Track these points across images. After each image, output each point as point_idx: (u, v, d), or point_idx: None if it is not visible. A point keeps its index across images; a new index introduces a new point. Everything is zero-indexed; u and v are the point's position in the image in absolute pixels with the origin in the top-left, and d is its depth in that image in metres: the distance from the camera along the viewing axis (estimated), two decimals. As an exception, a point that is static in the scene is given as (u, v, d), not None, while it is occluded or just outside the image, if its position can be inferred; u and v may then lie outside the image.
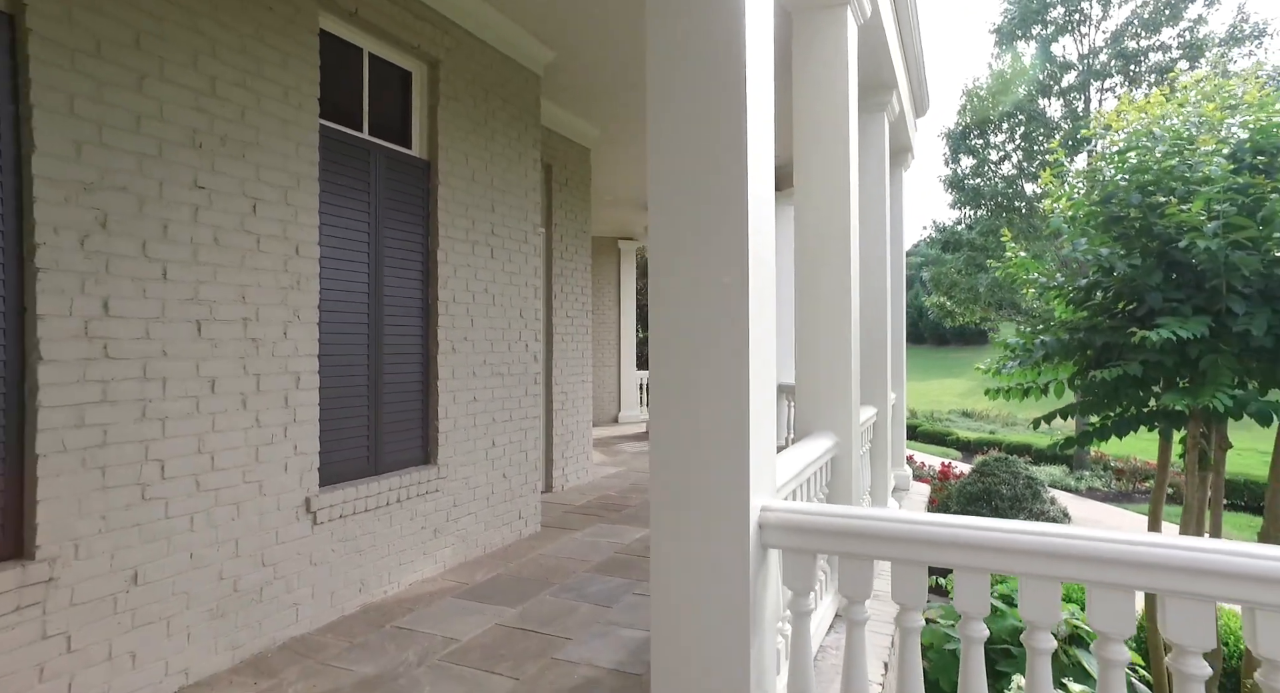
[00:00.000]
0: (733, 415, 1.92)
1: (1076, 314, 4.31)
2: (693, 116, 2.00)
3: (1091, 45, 15.98)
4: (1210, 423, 3.78)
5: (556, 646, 3.34)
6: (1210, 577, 1.58)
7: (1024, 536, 1.77)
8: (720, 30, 1.96)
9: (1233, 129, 3.65)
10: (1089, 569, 1.70)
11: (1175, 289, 3.58)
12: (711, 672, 1.95)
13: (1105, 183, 3.92)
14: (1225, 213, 3.25)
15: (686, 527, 1.98)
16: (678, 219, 2.02)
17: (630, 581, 4.26)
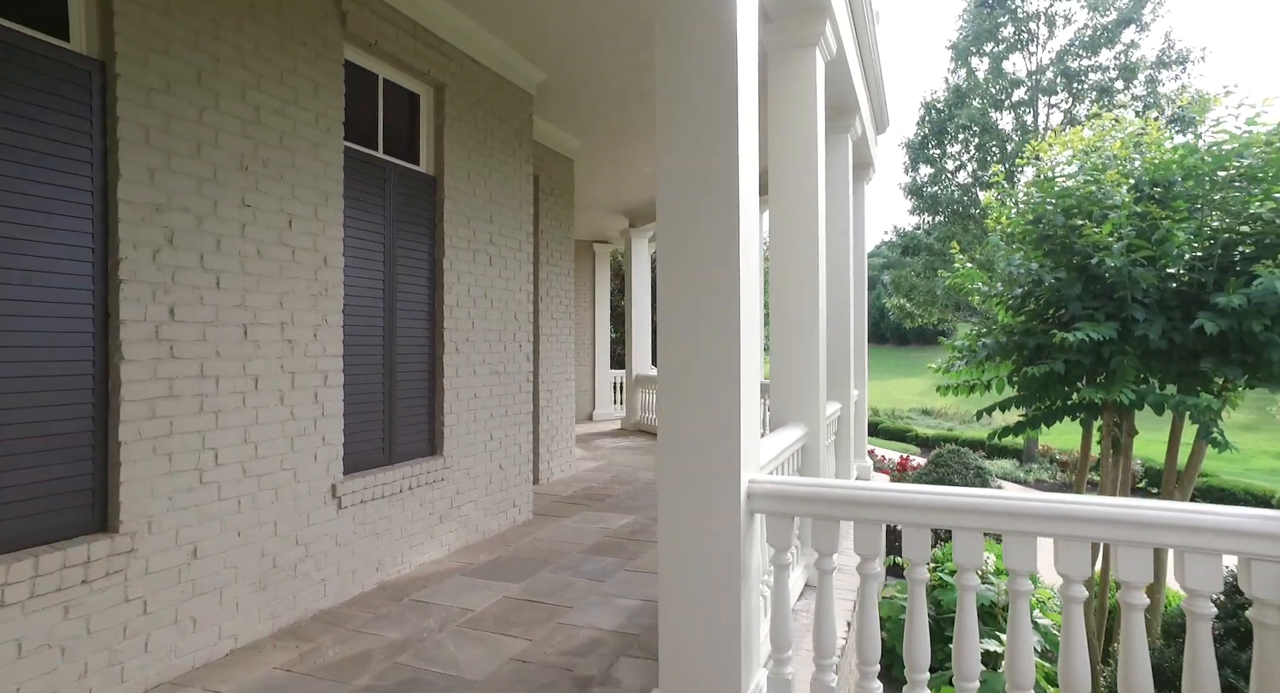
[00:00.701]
0: (727, 402, 2.38)
1: (1015, 319, 4.90)
2: (694, 142, 2.45)
3: (1039, 63, 16.94)
4: (1120, 414, 4.39)
5: (560, 613, 3.77)
6: (1077, 522, 2.09)
7: (951, 497, 2.27)
8: (718, 71, 2.42)
9: (1136, 163, 4.26)
10: (1001, 522, 2.20)
11: (1092, 298, 4.17)
12: (709, 616, 2.41)
13: (1036, 205, 4.50)
14: (1128, 235, 3.84)
15: (689, 496, 2.43)
16: (682, 228, 2.47)
17: (620, 559, 4.70)
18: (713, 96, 2.43)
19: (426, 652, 3.29)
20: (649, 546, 5.00)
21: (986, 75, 17.14)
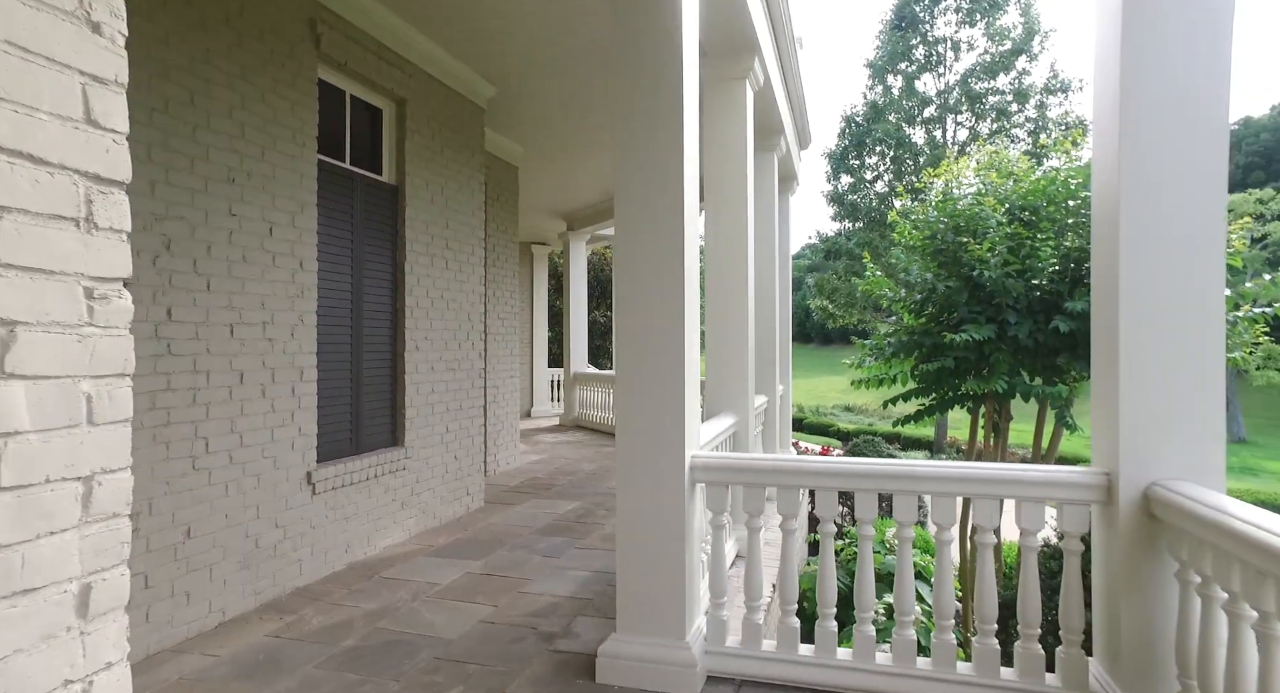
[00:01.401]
0: (674, 391, 2.89)
1: (916, 321, 5.63)
2: (647, 163, 2.95)
3: (947, 83, 18.34)
4: (998, 402, 5.17)
5: (520, 584, 4.21)
6: (931, 480, 2.71)
7: (846, 464, 2.86)
8: (668, 104, 2.93)
9: (1008, 190, 5.05)
10: (886, 482, 2.80)
11: (976, 304, 4.91)
12: (660, 569, 2.92)
13: (931, 222, 5.23)
14: (1001, 252, 4.58)
15: (643, 468, 2.93)
16: (637, 249, 2.96)
17: (570, 539, 5.16)
18: (663, 136, 2.94)
19: (403, 618, 3.67)
20: (595, 528, 5.48)
21: (900, 93, 18.41)
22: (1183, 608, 2.32)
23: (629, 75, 2.99)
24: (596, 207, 11.36)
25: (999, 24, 17.02)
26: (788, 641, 2.98)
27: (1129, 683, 2.48)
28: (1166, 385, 2.43)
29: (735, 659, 3.01)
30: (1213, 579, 2.10)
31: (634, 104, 2.98)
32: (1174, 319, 2.42)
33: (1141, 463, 2.46)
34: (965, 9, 17.26)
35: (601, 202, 11.10)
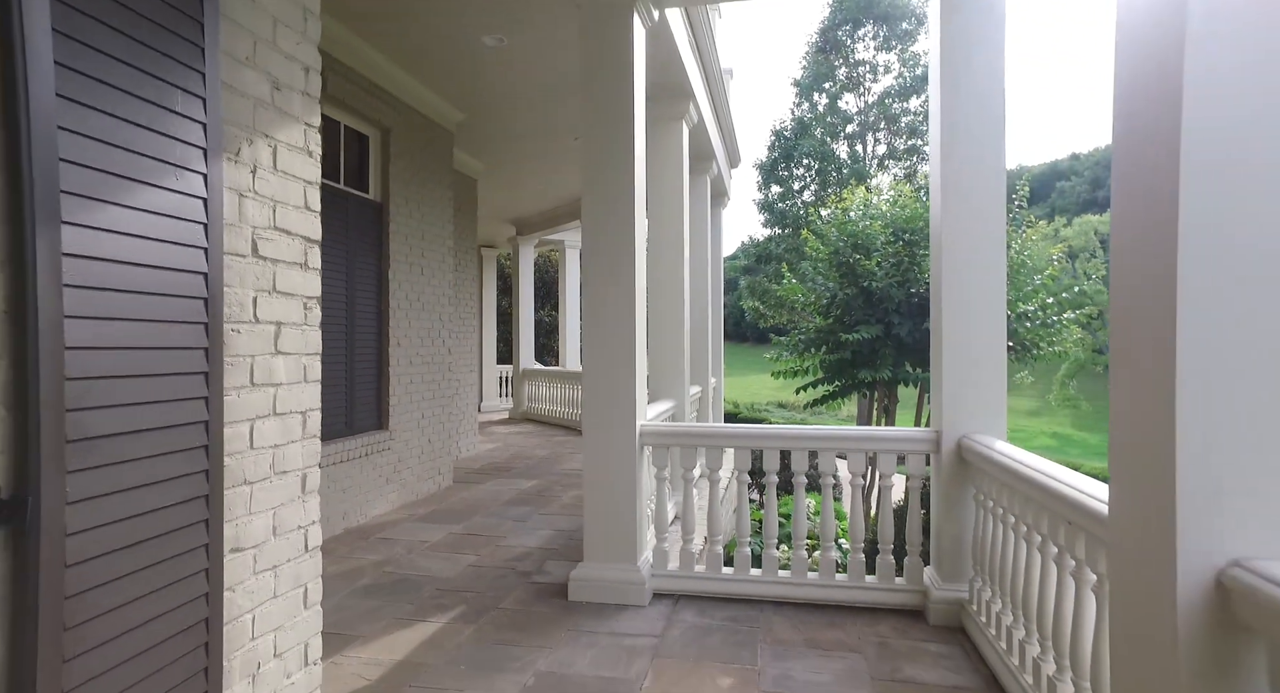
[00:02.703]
0: (627, 375, 3.81)
1: (823, 321, 6.74)
2: (606, 190, 3.86)
3: (867, 103, 19.94)
4: (887, 388, 6.32)
5: (497, 540, 5.05)
6: (803, 439, 3.73)
7: (752, 429, 3.85)
8: (623, 143, 3.84)
9: (894, 215, 6.21)
10: (785, 442, 3.80)
11: (869, 308, 6.03)
12: (617, 514, 3.83)
13: (834, 240, 6.34)
14: (887, 266, 5.71)
15: (604, 435, 3.84)
16: (598, 251, 3.87)
17: (534, 508, 6.02)
18: (619, 161, 3.86)
19: (404, 565, 4.47)
20: (554, 499, 6.35)
21: (825, 110, 19.89)
22: (977, 521, 3.39)
23: (594, 117, 3.90)
24: (545, 213, 12.16)
25: (911, 50, 18.71)
26: (714, 564, 3.95)
27: (947, 577, 3.56)
28: (969, 370, 3.52)
29: (674, 579, 3.95)
30: (990, 497, 3.17)
31: (597, 142, 3.89)
32: (972, 324, 3.51)
33: (955, 424, 3.54)
34: (883, 36, 18.89)
35: (550, 209, 11.91)
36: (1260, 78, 1.30)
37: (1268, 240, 1.33)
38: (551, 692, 2.83)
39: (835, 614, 3.64)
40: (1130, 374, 1.54)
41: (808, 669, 3.03)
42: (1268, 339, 1.34)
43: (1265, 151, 1.32)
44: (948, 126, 3.54)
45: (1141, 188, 1.50)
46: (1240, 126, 1.33)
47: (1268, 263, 1.33)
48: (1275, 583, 1.24)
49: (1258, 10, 1.31)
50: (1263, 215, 1.33)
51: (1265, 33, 1.31)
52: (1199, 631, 1.37)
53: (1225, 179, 1.34)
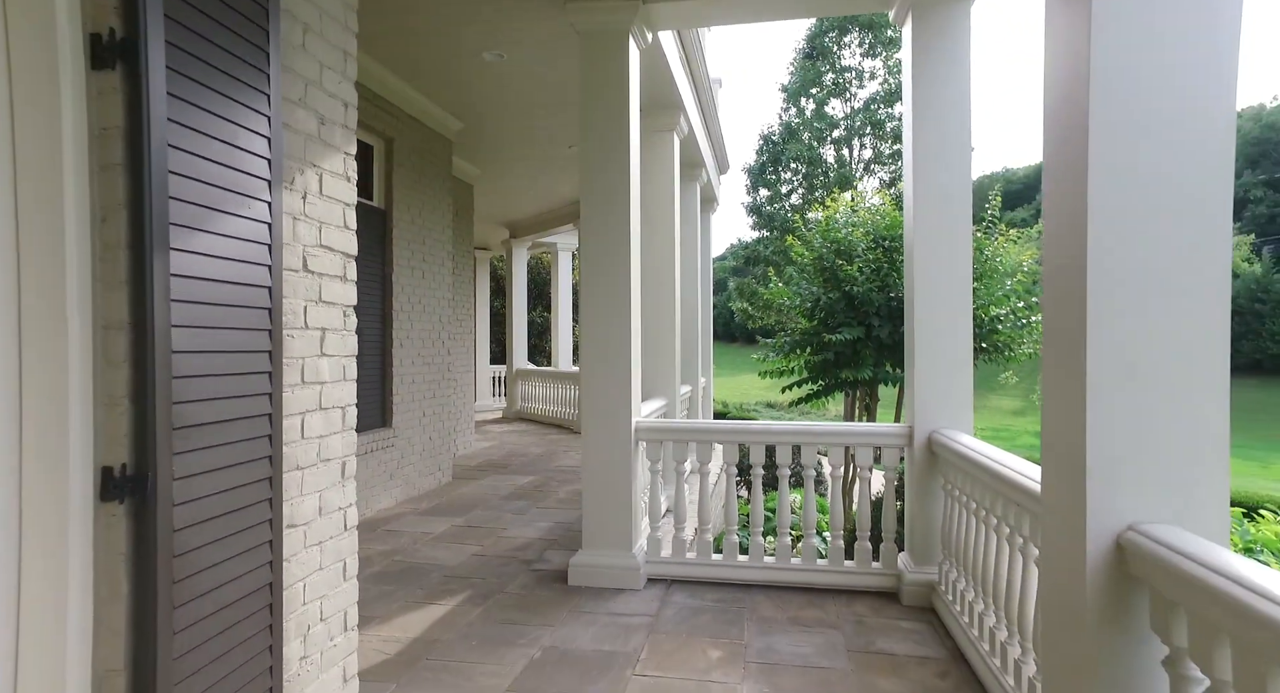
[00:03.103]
0: (623, 375, 4.10)
1: (808, 324, 7.04)
2: (603, 202, 4.14)
3: (853, 108, 20.33)
4: (868, 386, 6.64)
5: (498, 532, 5.32)
6: (787, 434, 4.04)
7: (742, 424, 4.15)
8: (620, 158, 4.12)
9: (874, 223, 6.53)
10: (770, 437, 4.10)
11: (850, 311, 6.35)
12: (614, 505, 4.11)
13: (818, 247, 6.65)
14: (867, 271, 6.03)
15: (602, 430, 4.12)
16: (597, 259, 4.15)
17: (531, 502, 6.29)
18: (616, 182, 4.14)
19: (411, 554, 4.73)
20: (550, 494, 6.62)
21: (812, 115, 20.26)
22: (946, 509, 3.69)
23: (592, 135, 4.17)
24: (539, 216, 12.41)
25: (896, 57, 19.08)
26: (704, 551, 4.24)
27: (919, 561, 3.87)
28: (939, 370, 3.83)
29: (667, 565, 4.24)
30: (957, 486, 3.47)
31: (595, 158, 4.16)
32: (942, 328, 3.82)
33: (926, 420, 3.85)
34: (869, 43, 19.30)
35: (544, 212, 12.16)
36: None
37: (1155, 259, 1.64)
38: (557, 663, 3.11)
39: (816, 596, 3.94)
40: (1054, 372, 1.85)
41: (790, 643, 3.32)
42: (1154, 342, 1.64)
43: (1146, 192, 1.63)
44: (919, 153, 3.85)
45: (1062, 225, 1.81)
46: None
47: (1156, 279, 1.64)
48: (1157, 543, 1.56)
49: (1142, 75, 1.62)
50: (1151, 238, 1.64)
51: (1148, 93, 1.62)
52: (1102, 581, 1.69)
53: (1121, 216, 1.65)
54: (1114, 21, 1.62)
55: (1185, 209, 1.63)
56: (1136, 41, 1.62)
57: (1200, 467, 1.65)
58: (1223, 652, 1.38)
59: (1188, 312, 1.63)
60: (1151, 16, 1.61)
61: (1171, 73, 1.62)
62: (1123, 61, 1.63)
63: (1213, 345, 1.64)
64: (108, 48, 1.45)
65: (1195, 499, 1.65)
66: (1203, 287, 1.63)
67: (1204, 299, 1.64)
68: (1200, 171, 1.62)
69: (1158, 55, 1.62)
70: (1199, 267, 1.63)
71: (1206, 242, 1.63)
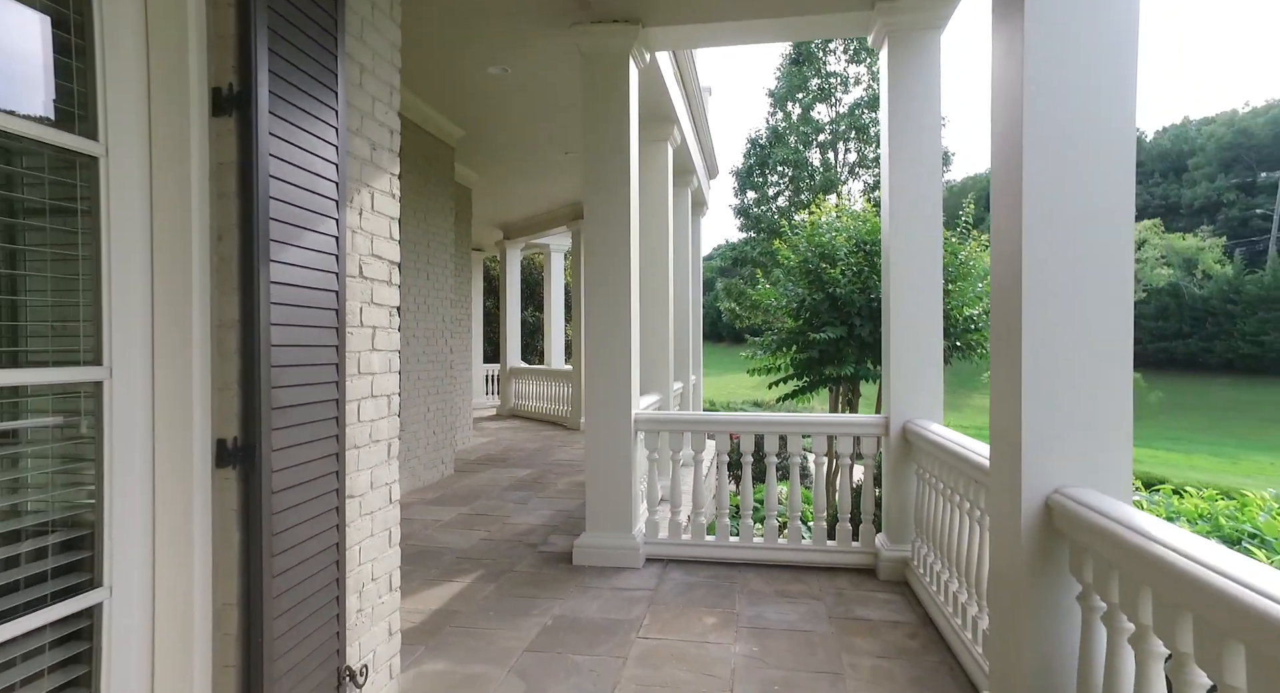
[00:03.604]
0: (624, 371, 4.44)
1: (793, 323, 7.42)
2: (605, 212, 4.48)
3: (838, 113, 20.79)
4: (851, 382, 7.03)
5: (503, 519, 5.64)
6: (787, 426, 4.40)
7: (732, 416, 4.51)
8: (620, 170, 4.46)
9: (856, 228, 6.92)
10: (758, 428, 4.46)
11: (834, 311, 6.73)
12: (615, 490, 4.45)
13: (803, 251, 7.04)
14: (849, 274, 6.42)
15: (604, 422, 4.46)
16: (599, 263, 4.49)
17: (532, 492, 6.62)
18: (617, 191, 4.48)
19: (423, 539, 5.05)
20: (550, 485, 6.95)
21: (798, 119, 20.70)
22: (918, 493, 4.07)
23: (595, 149, 4.51)
24: (532, 219, 12.72)
25: (879, 64, 19.55)
26: (698, 533, 4.59)
27: (894, 539, 4.25)
28: (911, 366, 4.21)
29: (664, 546, 4.59)
30: (927, 470, 3.85)
31: (597, 171, 4.51)
32: (915, 328, 4.20)
33: (901, 411, 4.22)
34: (854, 49, 19.77)
35: (537, 215, 12.47)
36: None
37: (1075, 266, 2.01)
38: (568, 629, 3.45)
39: (801, 573, 4.31)
40: (998, 364, 2.22)
41: (777, 612, 3.69)
42: (1074, 336, 2.02)
43: (1069, 204, 2.00)
44: (895, 165, 4.23)
45: (1004, 235, 2.18)
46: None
47: (1075, 282, 2.01)
48: (1077, 503, 1.93)
49: (1065, 101, 1.99)
50: (1072, 245, 2.01)
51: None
52: (1034, 535, 2.06)
53: (1047, 233, 2.02)
54: (1042, 47, 2.00)
55: (1098, 217, 2.01)
56: (1058, 68, 2.00)
57: (1110, 440, 2.03)
58: (1114, 584, 1.75)
59: (1100, 309, 2.01)
60: (1068, 47, 1.99)
61: (1085, 98, 2.00)
62: (1049, 86, 2.00)
63: (1121, 338, 2.03)
64: (226, 99, 1.78)
65: (1106, 467, 2.03)
66: (1112, 287, 2.02)
67: (1114, 298, 2.02)
68: (1108, 184, 2.01)
69: (1075, 80, 1.99)
70: (1109, 270, 2.01)
71: (1115, 248, 2.02)
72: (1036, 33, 2.00)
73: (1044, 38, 2.00)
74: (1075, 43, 2.00)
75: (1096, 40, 1.99)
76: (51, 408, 1.61)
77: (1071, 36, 1.99)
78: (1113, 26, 1.99)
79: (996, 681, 2.28)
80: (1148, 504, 3.13)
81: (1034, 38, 2.00)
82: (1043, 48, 2.01)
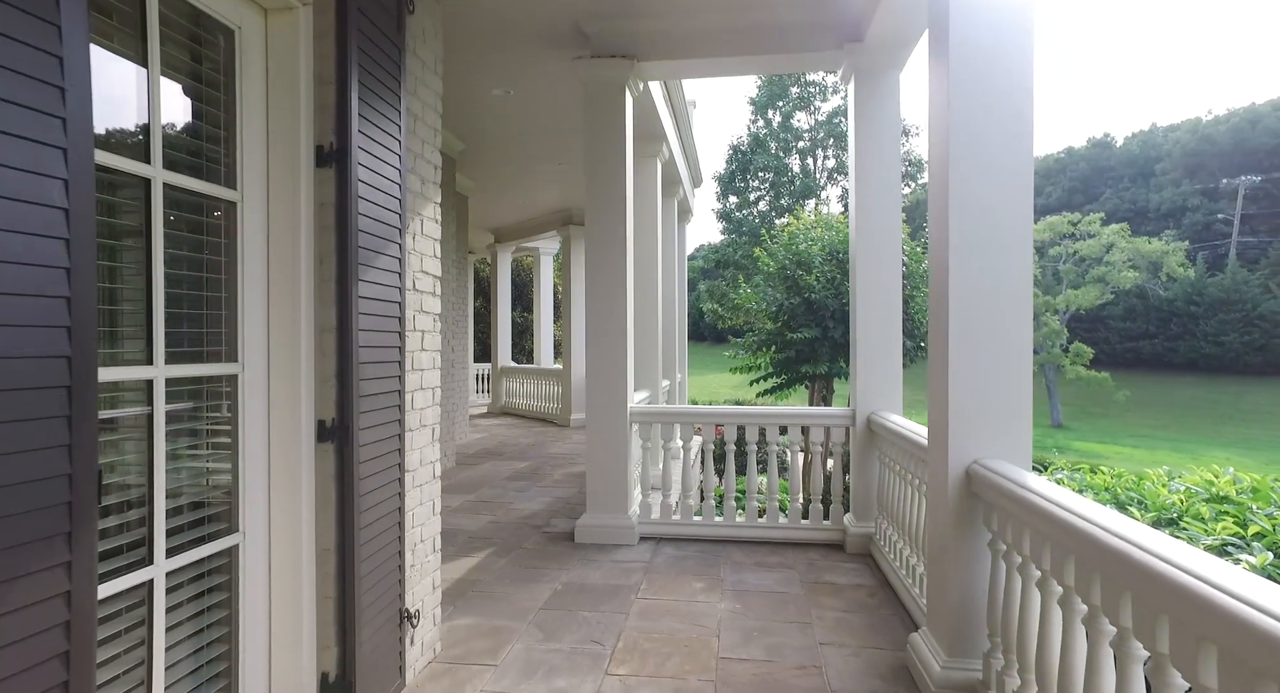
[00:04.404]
0: (620, 370, 4.97)
1: (772, 325, 8.00)
2: (603, 225, 5.00)
3: (817, 120, 21.48)
4: (825, 380, 7.61)
5: (507, 505, 6.14)
6: (750, 416, 4.95)
7: (717, 408, 5.06)
8: (617, 189, 4.99)
9: (829, 238, 7.51)
10: (739, 419, 5.01)
11: (809, 314, 7.31)
12: (611, 475, 4.98)
13: (781, 259, 7.61)
14: (823, 280, 7.00)
15: (602, 414, 4.98)
16: (599, 271, 5.01)
17: (531, 481, 7.12)
18: (614, 207, 5.00)
19: (436, 522, 5.52)
20: (547, 476, 7.45)
21: (779, 126, 21.35)
22: (880, 477, 4.64)
23: (594, 164, 5.03)
24: (524, 223, 13.19)
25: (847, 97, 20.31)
26: (686, 514, 5.13)
27: (860, 517, 4.81)
28: (875, 363, 4.78)
29: (656, 526, 5.12)
30: (886, 455, 4.42)
31: (597, 186, 5.03)
32: (877, 330, 4.77)
33: (867, 404, 4.79)
34: (831, 58, 20.40)
35: (527, 220, 12.94)
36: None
37: (986, 273, 2.57)
38: (576, 592, 3.97)
39: (778, 547, 4.86)
40: (933, 356, 2.78)
41: (756, 578, 4.23)
42: (987, 332, 2.58)
43: (980, 220, 2.57)
44: (860, 185, 4.80)
45: (937, 248, 2.74)
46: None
47: (988, 287, 2.57)
48: (988, 470, 2.49)
49: (976, 136, 2.56)
50: (984, 254, 2.57)
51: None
52: (958, 496, 2.62)
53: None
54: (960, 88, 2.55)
55: (1002, 229, 2.57)
56: (972, 101, 2.56)
57: (1014, 424, 2.60)
58: (1009, 528, 2.31)
59: (1005, 309, 2.58)
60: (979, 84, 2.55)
61: (992, 131, 2.55)
62: (966, 116, 2.56)
63: (1022, 339, 2.59)
64: (326, 154, 2.28)
65: (1011, 442, 2.59)
66: (1014, 289, 2.58)
67: (1015, 299, 2.58)
68: (1010, 202, 2.56)
69: (983, 112, 2.55)
70: (1011, 275, 2.57)
71: (1015, 257, 2.58)
72: (958, 71, 2.56)
73: (961, 78, 2.56)
74: (985, 79, 2.56)
75: (1000, 79, 2.55)
76: (204, 394, 2.10)
77: (981, 75, 2.56)
78: (1012, 70, 2.55)
79: (931, 614, 2.85)
80: (1067, 479, 3.71)
81: (956, 74, 2.56)
82: (960, 84, 2.57)
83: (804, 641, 3.31)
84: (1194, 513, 2.76)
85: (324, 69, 2.29)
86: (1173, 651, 1.49)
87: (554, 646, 3.25)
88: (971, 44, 2.57)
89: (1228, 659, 1.32)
